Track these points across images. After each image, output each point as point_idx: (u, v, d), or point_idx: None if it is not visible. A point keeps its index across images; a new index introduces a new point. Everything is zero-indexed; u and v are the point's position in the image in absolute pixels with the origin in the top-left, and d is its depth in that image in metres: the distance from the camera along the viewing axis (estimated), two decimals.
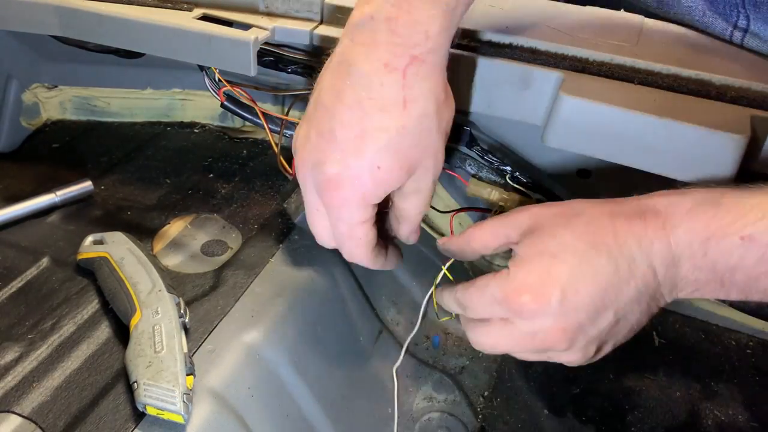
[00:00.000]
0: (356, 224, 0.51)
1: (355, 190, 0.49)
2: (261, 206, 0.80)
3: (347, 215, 0.51)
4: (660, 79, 0.56)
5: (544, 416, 0.75)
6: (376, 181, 0.49)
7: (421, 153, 0.50)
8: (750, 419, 0.74)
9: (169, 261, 0.72)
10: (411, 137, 0.49)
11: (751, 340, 0.81)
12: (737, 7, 0.58)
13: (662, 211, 0.46)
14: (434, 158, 0.51)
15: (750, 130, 0.51)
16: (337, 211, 0.51)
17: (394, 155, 0.48)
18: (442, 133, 0.51)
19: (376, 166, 0.48)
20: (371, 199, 0.50)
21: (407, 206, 0.54)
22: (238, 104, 0.70)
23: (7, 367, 0.59)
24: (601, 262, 0.45)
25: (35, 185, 0.81)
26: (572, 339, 0.47)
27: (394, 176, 0.49)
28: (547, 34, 0.59)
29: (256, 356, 0.63)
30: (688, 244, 0.45)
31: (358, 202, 0.50)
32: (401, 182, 0.50)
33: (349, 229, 0.52)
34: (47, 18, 0.68)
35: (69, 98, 0.97)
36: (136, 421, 0.55)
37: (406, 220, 0.55)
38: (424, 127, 0.49)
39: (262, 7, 0.65)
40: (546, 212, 0.49)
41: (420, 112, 0.48)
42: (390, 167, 0.49)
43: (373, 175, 0.49)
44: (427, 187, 0.52)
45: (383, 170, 0.49)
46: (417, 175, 0.51)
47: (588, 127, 0.54)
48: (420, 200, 0.53)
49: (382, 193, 0.51)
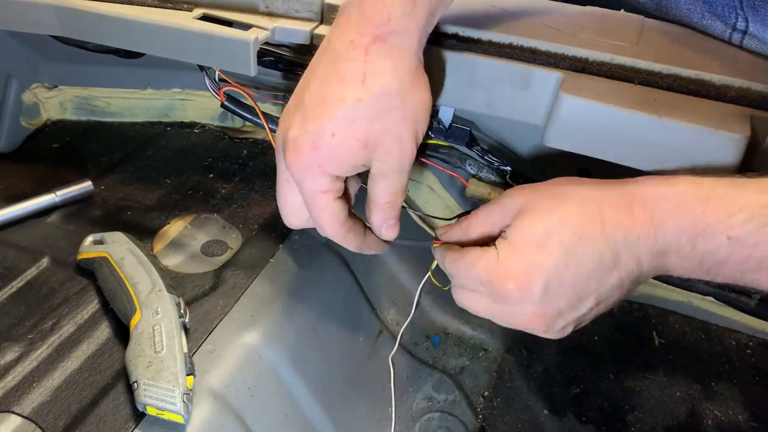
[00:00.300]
0: (317, 193, 0.52)
1: (312, 155, 0.50)
2: (261, 206, 0.80)
3: (308, 183, 0.52)
4: (660, 79, 0.56)
5: (544, 416, 0.75)
6: (330, 148, 0.50)
7: (380, 131, 0.51)
8: (750, 419, 0.74)
9: (169, 261, 0.72)
10: (368, 111, 0.50)
11: (751, 340, 0.81)
12: (735, 9, 0.59)
13: (650, 203, 0.46)
14: (398, 142, 0.51)
15: (750, 130, 0.51)
16: (298, 177, 0.52)
17: (349, 125, 0.50)
18: (408, 118, 0.52)
19: (330, 132, 0.50)
20: (328, 167, 0.51)
21: (374, 190, 0.54)
22: (238, 104, 0.70)
23: (7, 367, 0.59)
24: (586, 252, 0.46)
25: (35, 185, 0.81)
26: (550, 323, 0.49)
27: (349, 147, 0.50)
28: (547, 34, 0.59)
29: (256, 356, 0.63)
30: (675, 238, 0.45)
31: (316, 168, 0.51)
32: (358, 157, 0.51)
33: (310, 198, 0.53)
34: (47, 18, 0.68)
35: (69, 98, 0.97)
36: (136, 421, 0.55)
37: (374, 206, 0.55)
38: (384, 105, 0.50)
39: (262, 7, 0.65)
40: (536, 195, 0.50)
41: (379, 89, 0.50)
42: (344, 135, 0.50)
43: (327, 141, 0.50)
44: (392, 172, 0.53)
45: (337, 138, 0.50)
46: (378, 154, 0.51)
47: (588, 127, 0.54)
48: (386, 186, 0.53)
49: (340, 164, 0.51)
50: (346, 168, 0.52)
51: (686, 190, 0.45)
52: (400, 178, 0.54)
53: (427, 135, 0.66)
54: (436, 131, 0.66)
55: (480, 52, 0.59)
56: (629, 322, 0.84)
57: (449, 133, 0.65)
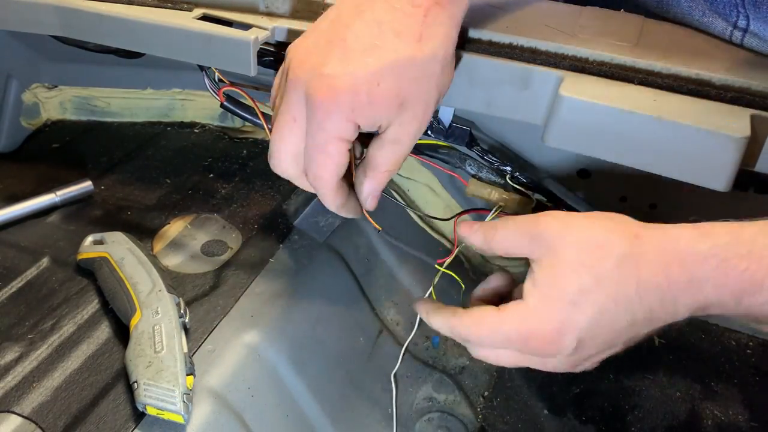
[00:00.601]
0: (334, 138, 0.50)
1: (348, 99, 0.48)
2: (261, 206, 0.80)
3: (330, 124, 0.49)
4: (660, 78, 0.56)
5: (544, 416, 0.75)
6: (370, 98, 0.48)
7: (417, 93, 0.50)
8: (750, 419, 0.74)
9: (169, 261, 0.72)
10: (416, 71, 0.49)
11: (751, 340, 0.81)
12: (737, 7, 0.59)
13: (689, 263, 0.44)
14: (424, 108, 0.51)
15: (750, 130, 0.51)
16: (322, 117, 0.49)
17: (396, 79, 0.48)
18: (437, 91, 0.51)
19: (376, 82, 0.48)
20: (359, 115, 0.49)
21: (380, 156, 0.52)
22: (238, 104, 0.70)
23: (7, 367, 0.59)
24: (619, 312, 0.45)
25: (35, 185, 0.81)
26: (578, 365, 0.49)
27: (388, 102, 0.49)
28: (546, 34, 0.59)
29: (256, 356, 0.63)
30: (717, 297, 0.44)
31: (347, 113, 0.49)
32: (390, 114, 0.50)
33: (324, 142, 0.50)
34: (47, 18, 0.68)
35: (69, 98, 0.97)
36: (136, 421, 0.55)
37: (372, 172, 0.53)
38: (429, 70, 0.50)
39: (262, 7, 0.65)
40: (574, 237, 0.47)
41: (430, 52, 0.49)
42: (388, 89, 0.48)
43: (370, 89, 0.48)
44: (407, 140, 0.51)
45: (381, 89, 0.48)
46: (403, 118, 0.50)
47: (588, 127, 0.54)
48: (393, 153, 0.52)
49: (372, 116, 0.49)
50: (374, 121, 0.50)
51: (727, 245, 0.44)
52: (408, 149, 0.52)
53: (427, 135, 0.67)
54: (436, 131, 0.66)
55: (479, 52, 0.59)
56: None
57: (449, 133, 0.65)
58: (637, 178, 0.63)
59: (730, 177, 0.52)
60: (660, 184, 0.63)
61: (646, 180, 0.64)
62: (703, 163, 0.52)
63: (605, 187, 0.68)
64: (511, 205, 0.65)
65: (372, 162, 0.53)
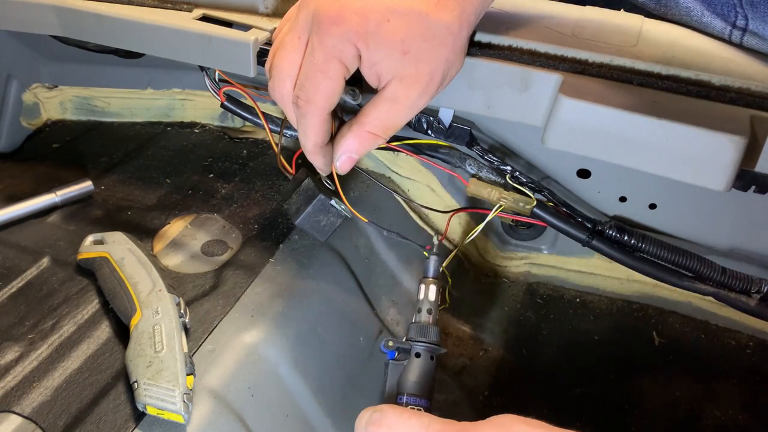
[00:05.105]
0: (333, 58, 0.49)
1: (355, 20, 0.48)
2: (261, 206, 0.80)
3: (333, 42, 0.48)
4: (659, 80, 0.56)
5: (544, 416, 0.75)
6: (377, 28, 0.48)
7: (424, 51, 0.49)
8: (750, 419, 0.74)
9: (169, 261, 0.72)
10: (426, 29, 0.48)
11: (751, 340, 0.81)
12: (735, 6, 0.59)
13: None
14: (429, 73, 0.50)
15: (750, 131, 0.51)
16: (326, 30, 0.48)
17: (406, 25, 0.48)
18: (446, 65, 0.50)
19: (386, 18, 0.48)
20: (363, 42, 0.48)
21: (371, 112, 0.51)
22: (238, 104, 0.71)
23: (7, 367, 0.59)
24: None
25: (35, 185, 0.81)
26: None
27: (392, 42, 0.48)
28: (546, 36, 0.59)
29: (256, 356, 0.63)
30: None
31: (351, 34, 0.48)
32: (391, 59, 0.49)
33: (324, 60, 0.49)
34: (47, 18, 0.68)
35: (69, 98, 0.97)
36: (137, 421, 0.55)
37: (357, 128, 0.51)
38: (440, 36, 0.49)
39: (262, 7, 0.65)
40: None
41: (444, 21, 0.49)
42: (396, 30, 0.48)
43: (379, 21, 0.48)
44: (405, 100, 0.50)
45: (390, 26, 0.48)
46: (405, 73, 0.49)
47: (587, 129, 0.54)
48: (386, 113, 0.50)
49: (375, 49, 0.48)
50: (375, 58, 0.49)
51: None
52: (403, 116, 0.51)
53: (427, 134, 0.67)
54: (436, 131, 0.66)
55: (479, 54, 0.59)
56: (629, 322, 0.84)
57: (449, 133, 0.65)
58: (637, 178, 0.63)
59: (730, 177, 0.52)
60: (660, 184, 0.63)
61: (646, 180, 0.64)
62: (703, 163, 0.52)
63: (605, 187, 0.68)
64: (512, 205, 0.65)
65: (360, 117, 0.51)
